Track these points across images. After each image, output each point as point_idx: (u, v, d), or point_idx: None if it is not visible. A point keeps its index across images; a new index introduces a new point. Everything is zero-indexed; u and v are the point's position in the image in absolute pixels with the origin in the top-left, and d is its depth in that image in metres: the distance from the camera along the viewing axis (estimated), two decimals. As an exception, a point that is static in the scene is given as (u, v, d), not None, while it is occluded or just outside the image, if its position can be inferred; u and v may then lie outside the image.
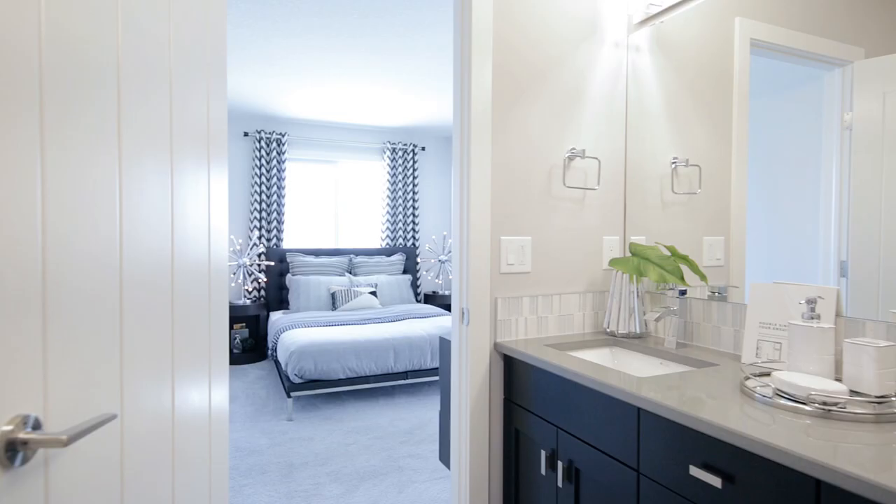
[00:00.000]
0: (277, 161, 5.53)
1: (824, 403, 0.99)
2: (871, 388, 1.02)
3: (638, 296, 1.76)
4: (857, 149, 1.24)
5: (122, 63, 0.84)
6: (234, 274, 5.29)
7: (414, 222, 6.19)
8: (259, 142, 5.44)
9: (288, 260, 5.32)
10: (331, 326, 4.16)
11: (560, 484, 1.40)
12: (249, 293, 5.39)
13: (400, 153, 6.12)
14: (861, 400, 1.00)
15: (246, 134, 5.46)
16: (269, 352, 4.23)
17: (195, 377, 1.14)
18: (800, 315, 1.16)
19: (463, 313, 1.70)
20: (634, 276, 1.76)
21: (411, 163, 6.19)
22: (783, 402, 1.03)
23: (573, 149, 1.83)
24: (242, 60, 3.75)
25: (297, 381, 3.44)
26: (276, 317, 4.83)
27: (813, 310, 1.14)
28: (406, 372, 3.76)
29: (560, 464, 1.40)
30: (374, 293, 5.15)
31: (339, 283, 5.18)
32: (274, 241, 5.51)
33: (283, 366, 3.59)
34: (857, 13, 1.24)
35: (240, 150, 5.49)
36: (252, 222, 5.44)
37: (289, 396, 3.42)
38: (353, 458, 2.82)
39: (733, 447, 0.94)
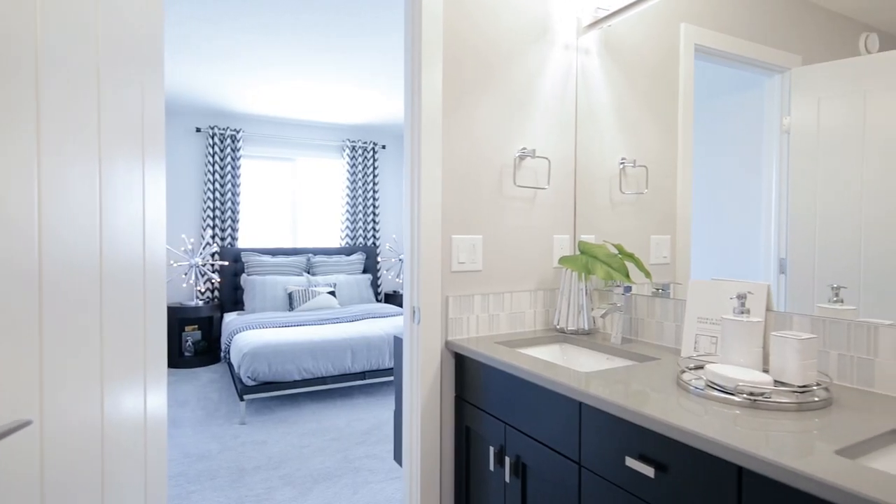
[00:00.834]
0: (232, 158, 5.38)
1: (751, 394, 1.04)
2: (794, 378, 1.07)
3: (587, 293, 1.80)
4: (794, 152, 1.30)
5: (41, 54, 0.79)
6: (186, 274, 5.12)
7: (374, 221, 6.15)
8: (212, 138, 5.28)
9: (243, 259, 5.19)
10: (287, 327, 4.08)
11: (508, 479, 1.42)
12: (202, 294, 5.22)
13: (360, 151, 6.06)
14: (785, 390, 1.05)
15: (198, 130, 5.29)
16: (223, 354, 4.11)
17: (129, 381, 1.10)
18: (731, 310, 1.21)
19: (414, 312, 1.69)
20: (583, 274, 1.79)
21: (371, 161, 6.14)
22: (715, 393, 1.07)
23: (524, 148, 1.85)
24: (194, 54, 3.63)
25: (251, 383, 3.36)
26: (230, 318, 4.70)
27: (743, 305, 1.19)
28: (364, 372, 3.73)
29: (508, 459, 1.41)
30: (332, 293, 5.08)
31: (296, 282, 5.08)
32: (228, 240, 5.36)
33: (235, 368, 3.49)
34: (795, 23, 1.29)
35: (192, 146, 5.32)
36: (205, 221, 5.27)
37: (241, 399, 3.33)
38: (307, 460, 2.77)
39: (666, 438, 0.98)
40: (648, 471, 0.99)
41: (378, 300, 6.02)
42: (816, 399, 1.03)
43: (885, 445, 0.90)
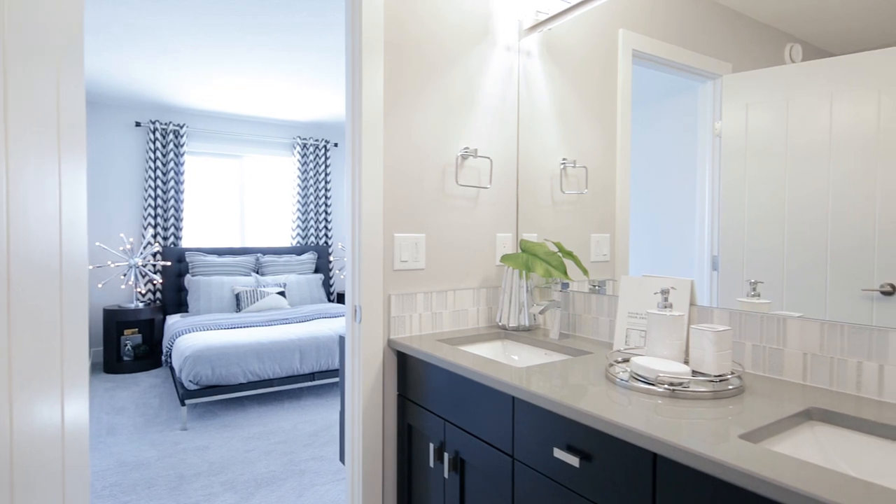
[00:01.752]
0: (175, 154, 5.18)
1: (671, 384, 1.09)
2: (711, 368, 1.14)
3: (528, 290, 1.84)
4: (725, 155, 1.36)
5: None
6: (125, 275, 4.88)
7: (326, 220, 6.05)
8: (153, 133, 5.06)
9: (187, 259, 5.00)
10: (233, 329, 3.96)
11: (446, 475, 1.43)
12: (143, 296, 5.00)
13: (311, 149, 5.96)
14: (702, 379, 1.11)
15: (138, 124, 5.06)
16: (164, 358, 3.95)
17: (43, 390, 1.04)
18: (656, 305, 1.27)
19: (356, 311, 1.68)
20: (524, 272, 1.83)
21: (323, 159, 6.04)
22: (639, 384, 1.12)
23: (466, 148, 1.87)
24: (133, 45, 3.47)
25: (193, 387, 3.24)
26: (172, 320, 4.52)
27: (666, 300, 1.25)
28: (313, 373, 3.67)
29: (447, 455, 1.43)
30: (282, 293, 4.98)
31: (244, 283, 4.94)
32: (171, 239, 5.16)
33: (177, 372, 3.37)
34: (726, 32, 1.35)
35: (131, 141, 5.08)
36: (146, 219, 5.05)
37: (183, 404, 3.21)
38: (251, 464, 2.70)
39: (590, 429, 1.01)
40: (574, 461, 1.03)
41: (330, 300, 5.94)
42: (731, 387, 1.09)
43: (788, 429, 0.97)
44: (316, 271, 5.81)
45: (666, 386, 1.09)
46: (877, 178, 1.08)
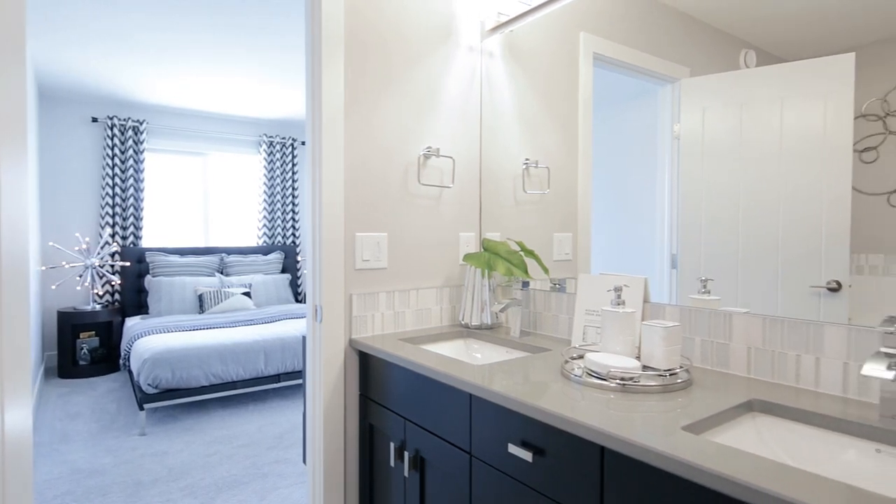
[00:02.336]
0: (134, 151, 5.02)
1: (622, 379, 1.12)
2: (660, 363, 1.17)
3: (490, 289, 1.85)
4: (683, 156, 1.40)
5: None
6: (81, 276, 4.71)
7: (294, 219, 5.97)
8: (111, 129, 4.90)
9: (147, 260, 4.86)
10: (194, 330, 3.86)
11: (406, 474, 1.43)
12: (101, 297, 4.83)
13: (278, 147, 5.87)
14: (652, 374, 1.15)
15: (95, 119, 4.89)
16: (122, 361, 3.83)
17: (-20, 392, 1.00)
18: (609, 302, 1.30)
19: (316, 311, 1.67)
20: (486, 271, 1.85)
21: (290, 157, 5.96)
22: (592, 380, 1.15)
23: (429, 147, 1.87)
24: (88, 37, 3.35)
25: (152, 391, 3.15)
26: (132, 322, 4.38)
27: (619, 297, 1.28)
28: (279, 375, 3.62)
29: (407, 454, 1.43)
30: (247, 294, 4.88)
31: (207, 283, 4.83)
32: (131, 239, 5.00)
33: (135, 376, 3.27)
34: (683, 37, 1.38)
35: (87, 137, 4.90)
36: (104, 218, 4.88)
37: (141, 409, 3.12)
38: (212, 469, 2.65)
39: (543, 424, 1.03)
40: (527, 455, 1.04)
41: (298, 300, 5.86)
42: (679, 381, 1.13)
43: (730, 420, 1.01)
44: (283, 271, 5.72)
45: (617, 381, 1.11)
46: (823, 180, 1.12)
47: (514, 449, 1.08)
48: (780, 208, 1.19)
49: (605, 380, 1.13)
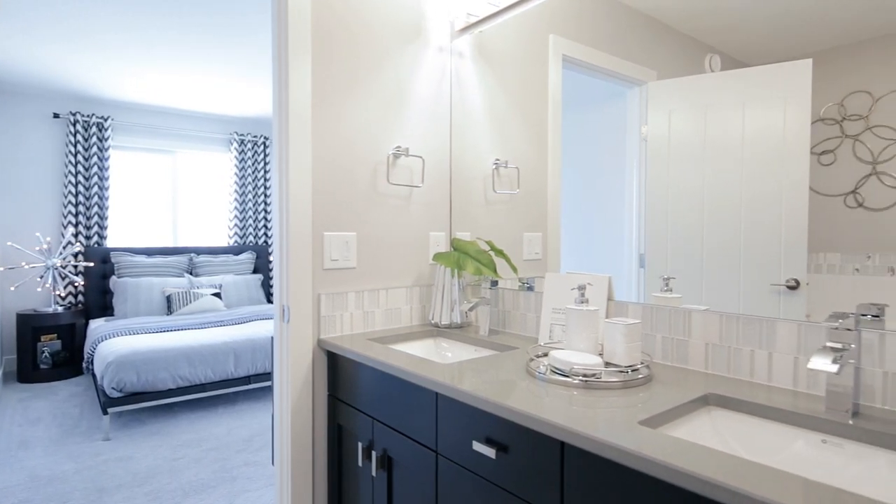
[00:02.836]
0: (99, 148, 4.88)
1: (584, 376, 1.14)
2: (622, 359, 1.20)
3: (460, 288, 1.86)
4: (651, 158, 1.42)
5: None
6: (42, 277, 4.56)
7: (266, 219, 5.89)
8: (74, 125, 4.75)
9: (113, 260, 4.72)
10: (162, 332, 3.78)
11: (374, 473, 1.43)
12: (63, 299, 4.68)
13: (249, 145, 5.78)
14: (613, 370, 1.17)
15: (56, 115, 4.73)
16: (85, 365, 3.71)
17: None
18: (573, 300, 1.32)
19: (284, 311, 1.65)
20: (455, 270, 1.86)
21: (262, 156, 5.87)
22: (556, 377, 1.16)
23: (398, 147, 1.87)
24: (48, 30, 3.24)
25: (116, 395, 3.07)
26: (96, 325, 4.26)
27: (583, 295, 1.30)
28: (249, 377, 3.56)
29: (374, 454, 1.43)
30: (217, 295, 4.79)
31: (176, 284, 4.72)
32: (95, 238, 4.86)
33: (99, 379, 3.18)
34: (651, 41, 1.41)
35: (48, 134, 4.74)
36: (66, 217, 4.73)
37: (105, 413, 3.03)
38: (179, 473, 2.59)
39: (506, 421, 1.04)
40: (490, 452, 1.06)
41: (270, 301, 5.78)
42: (640, 377, 1.15)
43: (686, 414, 1.04)
44: (255, 272, 5.64)
45: (580, 378, 1.13)
46: (783, 182, 1.16)
47: (478, 446, 1.09)
48: (742, 209, 1.23)
49: (568, 377, 1.15)
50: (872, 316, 1.03)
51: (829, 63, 1.08)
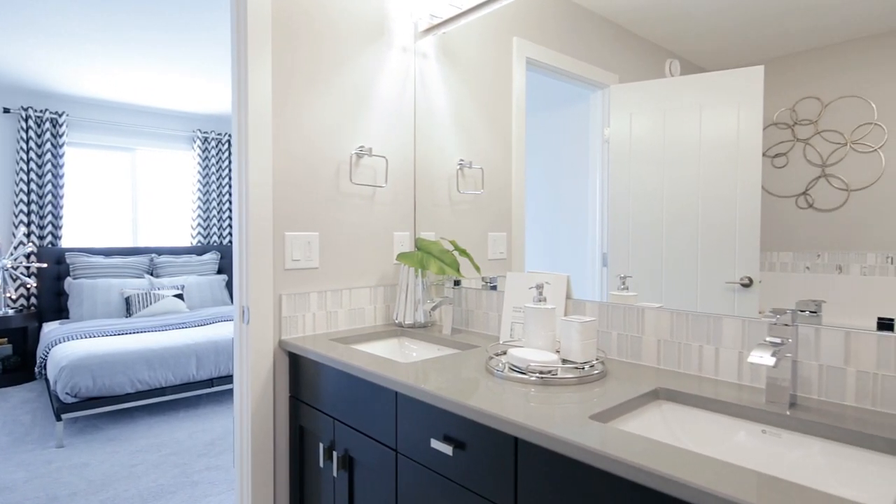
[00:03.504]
0: (53, 145, 4.69)
1: (540, 373, 1.16)
2: (577, 356, 1.23)
3: (424, 288, 1.87)
4: (613, 159, 1.45)
5: None
6: (-9, 279, 4.35)
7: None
8: (26, 121, 4.55)
9: (68, 261, 4.55)
10: (120, 335, 3.66)
11: (335, 474, 1.43)
12: (14, 301, 4.49)
13: (213, 143, 5.65)
14: (569, 367, 1.20)
15: (7, 110, 4.52)
16: (38, 370, 3.57)
17: None
18: (532, 299, 1.35)
19: (243, 312, 1.63)
20: (419, 270, 1.86)
21: (226, 154, 5.75)
22: (514, 374, 1.18)
23: (362, 147, 1.87)
24: (-10, 20, 3.10)
25: (70, 400, 2.96)
26: (49, 328, 4.10)
27: (541, 294, 1.33)
28: (211, 379, 3.49)
29: (335, 454, 1.42)
30: (180, 296, 4.67)
31: (135, 285, 4.58)
32: (49, 238, 4.67)
33: (52, 384, 3.06)
34: (612, 45, 1.44)
35: (-2, 128, 4.54)
36: (17, 216, 4.53)
37: (59, 419, 2.93)
38: (137, 479, 2.52)
39: (463, 418, 1.06)
40: (447, 449, 1.07)
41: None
42: (595, 373, 1.19)
43: (637, 408, 1.07)
44: (219, 272, 5.52)
45: (536, 374, 1.16)
46: (736, 182, 1.20)
47: (436, 444, 1.10)
48: (699, 209, 1.27)
49: (525, 374, 1.17)
50: (810, 312, 1.08)
51: (782, 70, 1.13)
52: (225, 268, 5.56)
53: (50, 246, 4.66)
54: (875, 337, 0.98)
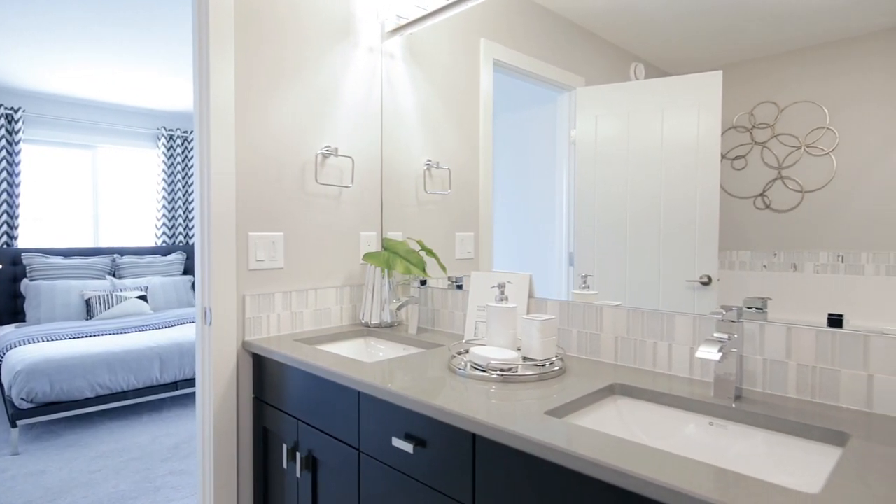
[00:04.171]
0: (8, 142, 4.51)
1: (501, 370, 1.19)
2: (538, 353, 1.25)
3: (390, 288, 1.87)
4: (579, 160, 1.47)
5: None
6: (-59, 281, 4.16)
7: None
8: (-22, 116, 4.37)
9: (24, 262, 4.38)
10: (79, 338, 3.55)
11: (299, 475, 1.42)
12: (-34, 304, 4.30)
13: (178, 141, 5.52)
14: (530, 364, 1.22)
15: (-43, 104, 4.34)
16: (-9, 375, 3.43)
17: None
18: (494, 298, 1.37)
19: (205, 313, 1.60)
20: (385, 269, 1.87)
21: (193, 152, 5.62)
22: (475, 372, 1.20)
23: (328, 146, 1.86)
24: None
25: (26, 406, 2.86)
26: (4, 332, 3.93)
27: (502, 293, 1.35)
28: (176, 382, 3.42)
29: (299, 455, 1.42)
30: (143, 297, 4.55)
31: (96, 287, 4.45)
32: (4, 239, 4.49)
33: (6, 390, 2.95)
34: (579, 48, 1.46)
35: (-52, 123, 4.34)
36: (-31, 216, 4.34)
37: (14, 426, 2.82)
38: (96, 486, 2.45)
39: (424, 416, 1.07)
40: (408, 447, 1.08)
41: (202, 304, 5.54)
42: (555, 370, 1.21)
43: (593, 403, 1.10)
44: (185, 273, 5.40)
45: (497, 372, 1.18)
46: (697, 184, 1.24)
47: (397, 442, 1.11)
48: (661, 210, 1.30)
49: (486, 371, 1.19)
50: (756, 308, 1.13)
51: (742, 75, 1.16)
52: (191, 269, 5.44)
53: (5, 246, 4.48)
54: (814, 332, 1.03)
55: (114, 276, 4.82)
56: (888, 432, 0.87)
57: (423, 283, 1.88)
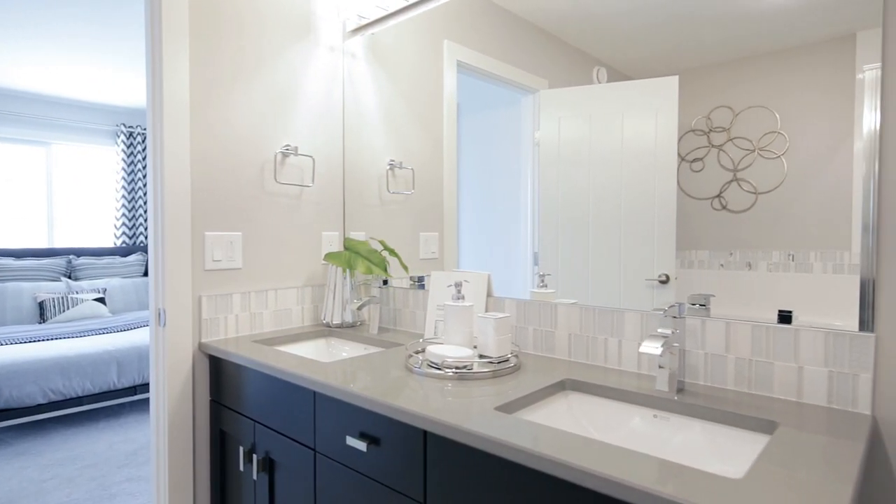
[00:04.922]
0: (-47, 137, 4.31)
1: (456, 368, 1.20)
2: (493, 351, 1.27)
3: (352, 287, 1.87)
4: (542, 162, 1.49)
5: None
6: None
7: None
8: (-80, 110, 4.16)
9: (-28, 263, 4.19)
10: (30, 343, 3.41)
11: (255, 477, 1.41)
12: None
13: (139, 138, 5.36)
14: (485, 361, 1.25)
15: None
16: (-66, 382, 3.27)
17: None
18: (451, 297, 1.39)
19: (160, 314, 1.57)
20: (347, 269, 1.86)
21: (153, 150, 5.47)
22: (431, 371, 1.22)
23: (287, 146, 1.85)
24: None
25: (-28, 413, 2.74)
26: (-51, 336, 3.76)
27: (459, 292, 1.37)
28: (135, 387, 3.33)
29: (255, 457, 1.41)
30: (101, 300, 4.41)
31: (50, 289, 4.28)
32: (-51, 239, 4.28)
33: (-50, 397, 2.82)
34: (542, 51, 1.48)
35: None
36: (-90, 215, 4.13)
37: (-42, 435, 2.70)
38: (47, 495, 2.37)
39: (377, 414, 1.08)
40: (362, 446, 1.09)
41: (164, 306, 5.40)
42: (509, 366, 1.24)
43: (544, 398, 1.13)
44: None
45: (452, 370, 1.20)
46: (655, 185, 1.27)
47: (351, 441, 1.11)
48: (621, 210, 1.33)
49: (441, 369, 1.21)
50: (700, 305, 1.18)
51: (699, 79, 1.20)
52: (152, 269, 5.29)
53: (-50, 247, 4.27)
54: (749, 326, 1.09)
55: (70, 277, 4.65)
56: (813, 420, 0.92)
57: (386, 282, 1.89)
